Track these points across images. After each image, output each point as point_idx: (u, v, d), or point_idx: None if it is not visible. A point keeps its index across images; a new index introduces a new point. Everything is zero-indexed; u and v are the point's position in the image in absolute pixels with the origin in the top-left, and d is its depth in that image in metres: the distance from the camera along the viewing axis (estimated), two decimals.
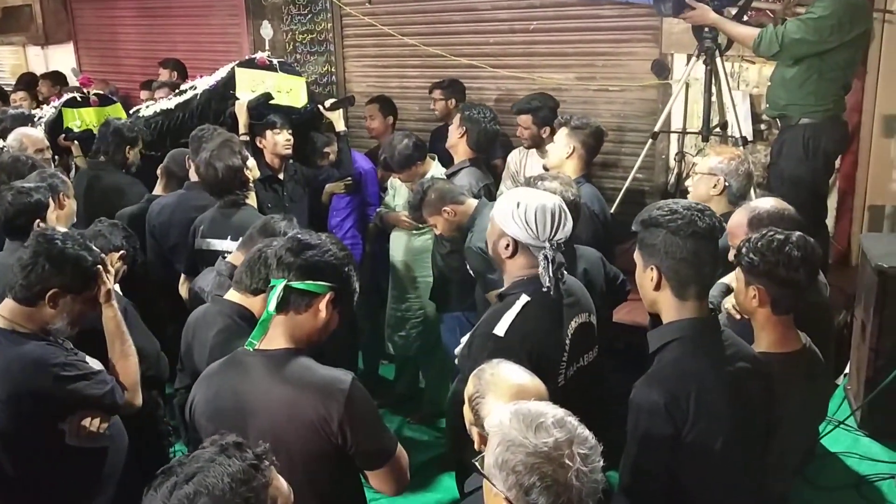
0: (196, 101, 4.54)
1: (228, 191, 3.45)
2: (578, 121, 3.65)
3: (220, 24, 6.98)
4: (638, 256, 2.09)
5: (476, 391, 1.92)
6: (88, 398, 2.35)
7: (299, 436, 1.92)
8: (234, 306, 2.57)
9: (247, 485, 1.34)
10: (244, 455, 1.39)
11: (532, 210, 2.26)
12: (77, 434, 2.35)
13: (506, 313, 2.26)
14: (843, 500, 3.04)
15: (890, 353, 3.23)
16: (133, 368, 2.53)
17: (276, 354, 1.98)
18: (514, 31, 5.47)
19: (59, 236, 2.40)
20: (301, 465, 1.93)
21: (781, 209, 2.70)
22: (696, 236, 1.96)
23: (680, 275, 1.99)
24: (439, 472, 3.80)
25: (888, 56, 4.32)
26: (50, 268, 2.31)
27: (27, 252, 2.35)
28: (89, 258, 2.40)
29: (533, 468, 1.41)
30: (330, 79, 6.36)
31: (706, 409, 1.92)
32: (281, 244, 2.05)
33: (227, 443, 1.41)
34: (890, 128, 4.44)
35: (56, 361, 2.30)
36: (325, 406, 1.91)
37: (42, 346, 2.32)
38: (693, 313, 2.01)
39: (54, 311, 2.34)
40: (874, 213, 4.55)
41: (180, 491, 1.32)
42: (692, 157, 4.72)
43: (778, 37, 3.78)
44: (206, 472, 1.34)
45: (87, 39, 8.20)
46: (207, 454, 1.38)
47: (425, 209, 3.40)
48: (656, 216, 2.01)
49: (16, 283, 2.33)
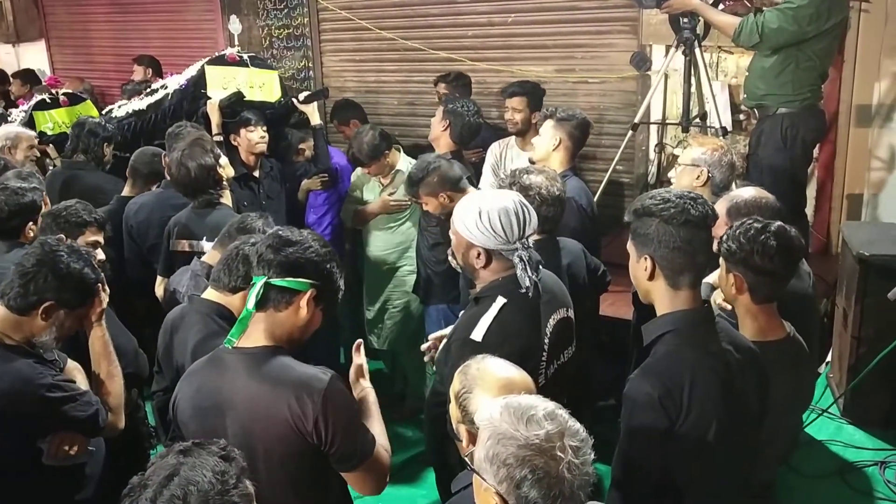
0: (168, 102, 4.48)
1: (202, 190, 3.40)
2: (564, 112, 3.62)
3: (194, 20, 6.89)
4: (631, 247, 2.07)
5: (462, 387, 1.90)
6: (72, 420, 2.30)
7: (275, 434, 1.89)
8: (212, 305, 2.52)
9: (228, 475, 1.41)
10: (211, 449, 1.46)
11: (495, 215, 2.21)
12: (55, 455, 2.30)
13: (482, 317, 2.23)
14: (827, 487, 3.07)
15: (872, 341, 3.26)
16: (118, 390, 2.49)
17: (255, 352, 1.95)
18: (493, 24, 5.45)
19: (64, 249, 2.34)
20: (279, 463, 1.91)
21: (760, 198, 2.71)
22: (690, 224, 1.95)
23: (674, 264, 1.97)
24: (425, 468, 3.78)
25: (865, 46, 4.35)
26: (52, 280, 2.26)
27: (29, 259, 2.29)
28: (92, 276, 2.36)
29: (524, 461, 1.39)
30: (307, 74, 6.30)
31: (700, 401, 1.91)
32: (262, 241, 2.01)
33: (186, 445, 1.47)
34: (866, 117, 4.47)
35: (43, 382, 2.24)
36: (300, 404, 1.88)
37: (30, 364, 2.26)
38: (686, 303, 2.00)
39: (45, 323, 2.28)
40: (852, 201, 4.59)
41: (168, 491, 1.33)
42: (672, 149, 4.73)
43: (758, 27, 3.78)
44: (187, 469, 1.38)
45: (59, 37, 8.07)
46: (173, 459, 1.43)
47: (423, 187, 3.32)
48: (649, 205, 1.99)
49: (11, 289, 2.27)
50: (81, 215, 3.01)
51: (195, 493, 1.32)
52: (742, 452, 2.05)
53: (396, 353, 4.45)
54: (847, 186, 4.60)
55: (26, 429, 2.25)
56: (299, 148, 4.50)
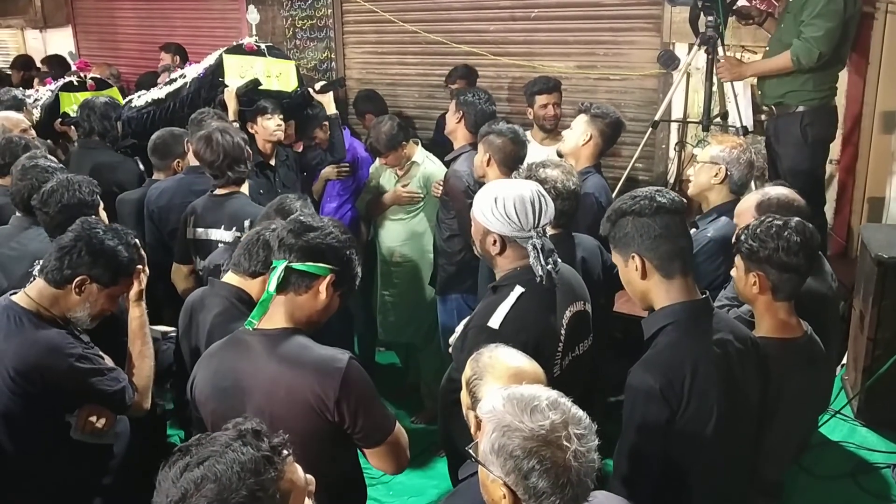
0: (186, 90, 4.51)
1: (232, 168, 3.38)
2: (598, 109, 3.59)
3: (219, 9, 6.95)
4: (616, 256, 2.12)
5: (474, 373, 1.92)
6: (99, 393, 2.36)
7: (296, 414, 1.92)
8: (232, 289, 2.56)
9: (256, 476, 1.33)
10: (259, 445, 1.37)
11: (511, 203, 2.24)
12: (83, 429, 2.37)
13: (500, 305, 2.25)
14: (839, 488, 3.05)
15: (888, 343, 3.24)
16: (147, 371, 2.56)
17: (275, 334, 1.99)
18: (515, 19, 5.45)
19: (101, 227, 2.45)
20: (298, 443, 1.91)
21: (792, 199, 2.69)
22: (662, 210, 2.02)
23: (660, 251, 2.02)
24: (433, 458, 3.80)
25: (891, 49, 4.30)
26: (86, 255, 2.36)
27: (69, 236, 2.40)
28: (125, 254, 2.44)
29: (531, 452, 1.40)
30: (329, 65, 6.33)
31: (701, 391, 1.92)
32: (283, 226, 2.05)
33: (245, 429, 1.39)
34: (890, 120, 4.43)
35: (73, 351, 2.32)
36: (321, 384, 1.92)
37: (63, 334, 2.35)
38: (683, 293, 2.02)
39: (79, 298, 2.37)
40: (873, 204, 4.54)
41: (190, 473, 1.31)
42: (693, 147, 4.71)
43: (808, 43, 3.81)
44: (217, 457, 1.33)
45: (85, 23, 8.17)
46: (224, 438, 1.37)
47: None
48: (619, 207, 2.08)
49: (49, 262, 2.37)
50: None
51: (211, 479, 1.31)
52: (743, 442, 2.07)
53: (410, 345, 4.48)
54: (868, 189, 4.56)
55: (55, 399, 2.30)
56: (314, 133, 4.52)
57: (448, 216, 3.75)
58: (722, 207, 3.07)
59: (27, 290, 2.40)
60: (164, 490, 1.32)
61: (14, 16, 8.31)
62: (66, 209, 2.86)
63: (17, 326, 2.31)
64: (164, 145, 3.97)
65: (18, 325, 2.31)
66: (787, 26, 3.99)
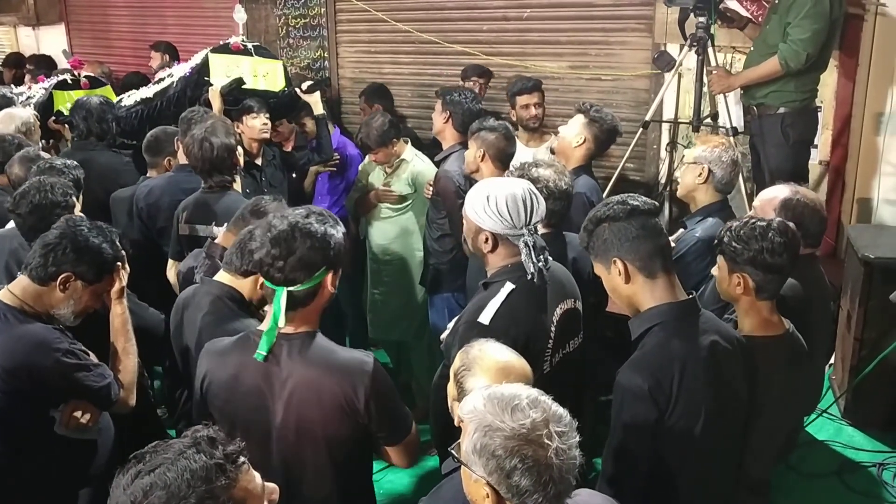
0: (173, 89, 4.50)
1: (219, 171, 3.38)
2: (598, 113, 3.57)
3: (212, 7, 6.93)
4: (599, 267, 2.14)
5: (462, 364, 1.94)
6: (86, 389, 2.36)
7: (325, 415, 1.96)
8: (223, 287, 2.55)
9: (207, 484, 1.32)
10: (213, 452, 1.35)
11: (503, 200, 2.26)
12: (67, 424, 2.37)
13: (490, 301, 2.27)
14: (825, 487, 3.08)
15: (874, 343, 3.27)
16: (132, 367, 2.56)
17: (298, 337, 2.00)
18: (508, 19, 5.46)
19: (86, 224, 2.45)
20: (325, 446, 1.98)
21: (820, 208, 2.73)
22: (636, 212, 2.06)
23: (640, 251, 2.04)
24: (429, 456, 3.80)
25: (880, 51, 4.33)
26: (71, 252, 2.36)
27: (53, 233, 2.41)
28: (110, 252, 2.45)
29: (513, 451, 1.41)
30: (322, 64, 6.33)
31: (689, 391, 1.94)
32: (263, 252, 1.96)
33: (201, 436, 1.38)
34: (880, 121, 4.46)
35: (59, 347, 2.32)
36: (353, 386, 1.95)
37: (49, 328, 2.35)
38: (668, 293, 2.05)
39: (63, 295, 2.38)
40: (862, 205, 4.57)
41: (140, 481, 1.31)
42: (683, 148, 4.72)
43: (796, 45, 3.83)
44: (169, 465, 1.32)
45: (78, 21, 8.15)
46: (179, 446, 1.36)
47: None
48: (593, 215, 2.12)
49: (34, 259, 2.37)
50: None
51: (160, 487, 1.30)
52: (731, 441, 2.08)
53: (401, 343, 4.48)
54: (857, 190, 4.58)
55: (40, 393, 2.31)
56: (301, 122, 4.51)
57: (439, 216, 3.75)
58: (709, 208, 3.08)
59: (10, 287, 2.40)
60: (115, 498, 1.33)
61: (7, 13, 8.29)
62: (37, 210, 2.87)
63: (3, 322, 2.31)
64: (157, 142, 3.96)
65: (3, 321, 2.31)
66: (772, 27, 4.01)
